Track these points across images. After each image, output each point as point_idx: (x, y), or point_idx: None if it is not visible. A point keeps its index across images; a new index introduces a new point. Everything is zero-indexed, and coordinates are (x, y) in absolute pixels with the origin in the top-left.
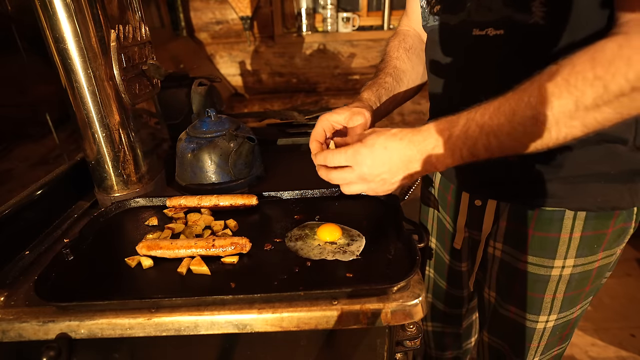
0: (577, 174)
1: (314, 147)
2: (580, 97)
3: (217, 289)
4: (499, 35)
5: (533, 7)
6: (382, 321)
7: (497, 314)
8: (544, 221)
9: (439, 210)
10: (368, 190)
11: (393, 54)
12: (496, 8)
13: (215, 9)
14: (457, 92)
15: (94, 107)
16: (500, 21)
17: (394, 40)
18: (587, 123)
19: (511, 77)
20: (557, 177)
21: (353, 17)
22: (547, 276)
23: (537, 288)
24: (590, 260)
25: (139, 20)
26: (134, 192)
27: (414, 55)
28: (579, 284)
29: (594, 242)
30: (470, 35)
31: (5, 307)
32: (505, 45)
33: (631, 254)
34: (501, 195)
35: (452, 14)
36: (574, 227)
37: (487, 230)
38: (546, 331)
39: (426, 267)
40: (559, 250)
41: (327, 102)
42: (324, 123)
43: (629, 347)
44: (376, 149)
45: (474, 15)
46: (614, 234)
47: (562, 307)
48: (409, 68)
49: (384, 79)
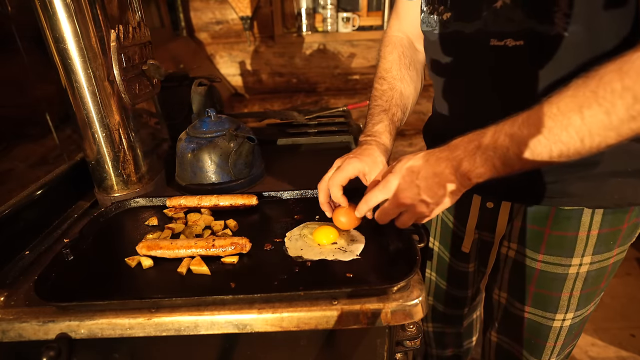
0: (595, 172)
1: (335, 191)
2: (611, 108)
3: (217, 289)
4: (519, 46)
5: (556, 18)
6: (382, 321)
7: (509, 314)
8: (561, 220)
9: (443, 212)
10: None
11: (396, 74)
12: (518, 19)
13: (215, 9)
14: (473, 100)
15: (94, 107)
16: (521, 32)
17: (391, 53)
18: (622, 133)
19: (530, 88)
20: (575, 176)
21: (353, 17)
22: (565, 274)
23: (554, 287)
24: (607, 256)
25: (139, 20)
26: (134, 192)
27: (414, 73)
28: (595, 280)
29: (611, 239)
30: (487, 46)
31: (5, 307)
32: (525, 56)
33: (631, 253)
34: (516, 197)
35: (465, 22)
36: (591, 225)
37: (501, 232)
38: (563, 330)
39: (427, 269)
40: (577, 248)
41: (327, 102)
42: (353, 171)
43: (629, 347)
44: (403, 171)
45: (492, 26)
46: (629, 229)
47: (579, 305)
48: (412, 91)
49: (396, 114)
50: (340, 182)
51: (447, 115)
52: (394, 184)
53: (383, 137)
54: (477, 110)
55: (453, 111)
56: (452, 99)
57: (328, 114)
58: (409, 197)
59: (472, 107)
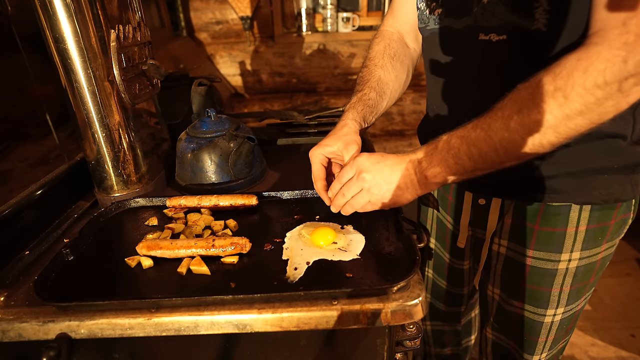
0: (582, 169)
1: (319, 186)
2: (545, 108)
3: (217, 289)
4: (502, 40)
5: (536, 13)
6: (382, 321)
7: (502, 311)
8: (550, 216)
9: (439, 210)
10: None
11: (377, 61)
12: (500, 13)
13: (215, 9)
14: (461, 95)
15: (94, 107)
16: (503, 27)
17: (378, 44)
18: (560, 131)
19: (515, 82)
20: (562, 172)
21: (353, 17)
22: (554, 270)
23: (544, 282)
24: (595, 252)
25: (139, 20)
26: (134, 192)
27: (398, 63)
28: (584, 276)
29: (599, 235)
30: (476, 40)
31: (5, 307)
32: (507, 50)
33: (631, 253)
34: (506, 193)
35: (456, 18)
36: (579, 221)
37: (492, 228)
38: (554, 324)
39: (425, 268)
40: (566, 244)
41: (327, 102)
42: (319, 159)
43: (629, 347)
44: (375, 155)
45: (480, 20)
46: (616, 225)
47: (569, 300)
48: (392, 78)
49: (368, 94)
50: (318, 176)
51: (438, 114)
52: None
53: (347, 113)
54: (465, 107)
55: (444, 109)
56: (444, 97)
57: (328, 114)
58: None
59: (461, 104)
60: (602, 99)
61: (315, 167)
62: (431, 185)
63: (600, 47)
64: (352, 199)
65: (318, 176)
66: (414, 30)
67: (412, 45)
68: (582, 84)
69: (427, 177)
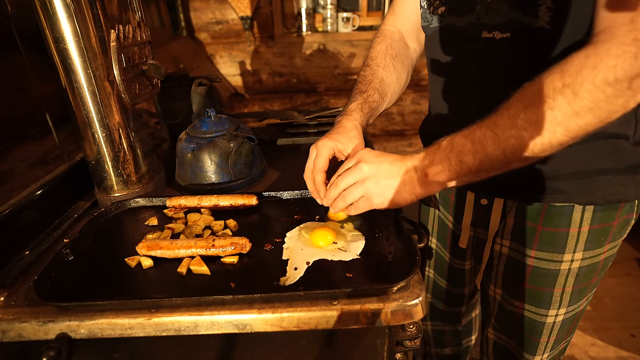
0: (585, 169)
1: (319, 179)
2: (554, 104)
3: (217, 289)
4: (506, 38)
5: (540, 11)
6: (382, 321)
7: (504, 311)
8: (552, 217)
9: (440, 210)
10: (367, 192)
11: (380, 62)
12: (503, 11)
13: (215, 9)
14: (463, 94)
15: (94, 107)
16: (506, 24)
17: (380, 44)
18: (569, 128)
19: (518, 80)
20: (565, 173)
21: (353, 17)
22: (557, 270)
23: (546, 282)
24: (598, 252)
25: (139, 20)
26: (134, 192)
27: (399, 64)
28: (587, 276)
29: (601, 235)
30: (479, 38)
31: (5, 307)
32: (511, 48)
33: (631, 253)
34: (508, 193)
35: (459, 16)
36: (582, 222)
37: (494, 228)
38: (556, 325)
39: (425, 267)
40: (568, 244)
41: (327, 102)
42: (328, 151)
43: (629, 347)
44: (377, 151)
45: (483, 18)
46: (619, 226)
47: (571, 300)
48: (394, 80)
49: (372, 96)
50: (321, 167)
51: (440, 114)
52: (364, 151)
53: (354, 114)
54: (468, 106)
55: (446, 109)
56: (446, 96)
57: (328, 114)
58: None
59: (463, 103)
60: (612, 97)
61: (321, 158)
62: (432, 185)
63: (609, 44)
64: (345, 190)
65: (320, 168)
66: (415, 30)
67: (413, 45)
68: (591, 81)
69: (427, 175)
